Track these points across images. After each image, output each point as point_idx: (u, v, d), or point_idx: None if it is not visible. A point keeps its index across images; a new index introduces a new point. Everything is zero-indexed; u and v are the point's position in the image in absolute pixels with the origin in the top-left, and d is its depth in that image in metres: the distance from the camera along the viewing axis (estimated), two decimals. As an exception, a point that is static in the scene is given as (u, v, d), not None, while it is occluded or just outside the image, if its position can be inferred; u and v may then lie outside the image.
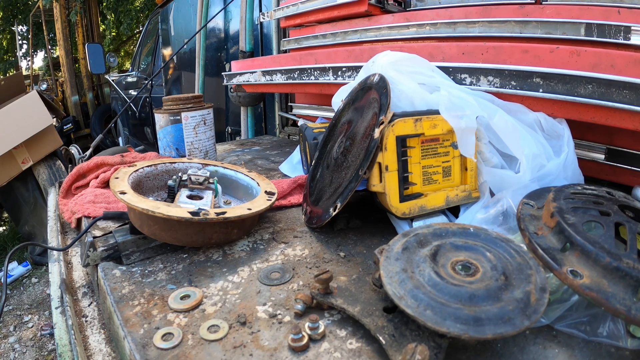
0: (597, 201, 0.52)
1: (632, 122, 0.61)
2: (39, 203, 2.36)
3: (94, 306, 0.61)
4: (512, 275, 0.41)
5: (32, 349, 1.99)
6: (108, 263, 0.59)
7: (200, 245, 0.62)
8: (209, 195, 0.66)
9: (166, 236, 0.59)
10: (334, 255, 0.61)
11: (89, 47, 4.00)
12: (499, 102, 0.72)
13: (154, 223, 0.58)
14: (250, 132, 2.00)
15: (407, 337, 0.39)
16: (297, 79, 1.18)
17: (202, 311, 0.48)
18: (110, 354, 0.51)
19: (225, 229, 0.62)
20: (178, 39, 3.15)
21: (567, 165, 0.65)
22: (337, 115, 0.80)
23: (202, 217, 0.56)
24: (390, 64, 0.74)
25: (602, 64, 0.61)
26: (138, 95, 3.60)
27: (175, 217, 0.54)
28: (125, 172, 0.65)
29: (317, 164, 0.80)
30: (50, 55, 8.16)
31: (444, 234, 0.48)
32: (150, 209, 0.54)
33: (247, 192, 0.75)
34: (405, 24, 0.97)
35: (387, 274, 0.42)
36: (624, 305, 0.37)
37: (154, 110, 1.05)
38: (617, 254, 0.41)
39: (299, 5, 1.27)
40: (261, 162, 1.21)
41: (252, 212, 0.61)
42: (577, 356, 0.41)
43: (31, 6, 8.17)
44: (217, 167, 0.77)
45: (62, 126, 5.42)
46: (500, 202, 0.60)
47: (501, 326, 0.36)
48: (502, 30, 0.80)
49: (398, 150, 0.62)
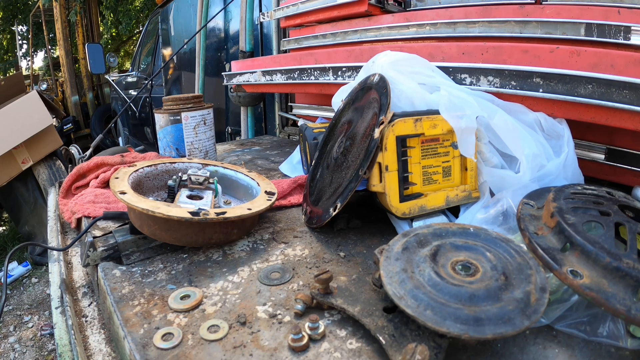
0: (597, 201, 0.52)
1: (632, 122, 0.61)
2: (39, 203, 2.36)
3: (94, 306, 0.61)
4: (512, 275, 0.41)
5: (32, 349, 1.99)
6: (108, 263, 0.59)
7: (200, 245, 0.62)
8: (209, 195, 0.66)
9: (166, 236, 0.59)
10: (334, 255, 0.61)
11: (89, 47, 4.01)
12: (499, 102, 0.72)
13: (154, 223, 0.58)
14: (250, 132, 2.00)
15: (407, 337, 0.39)
16: (297, 79, 1.18)
17: (202, 311, 0.48)
18: (110, 354, 0.51)
19: (226, 229, 0.61)
20: (178, 39, 3.15)
21: (567, 165, 0.65)
22: (337, 115, 0.80)
23: (202, 217, 0.56)
24: (390, 64, 0.74)
25: (602, 64, 0.61)
26: (138, 95, 3.60)
27: (175, 217, 0.54)
28: (125, 172, 0.65)
29: (317, 164, 0.80)
30: (50, 55, 8.16)
31: (444, 234, 0.48)
32: (151, 208, 0.54)
33: (247, 192, 0.75)
34: (405, 24, 0.97)
35: (387, 274, 0.42)
36: (624, 305, 0.37)
37: (154, 110, 1.05)
38: (617, 254, 0.41)
39: (299, 5, 1.27)
40: (261, 162, 1.21)
41: (252, 212, 0.61)
42: (577, 356, 0.41)
43: (31, 6, 8.17)
44: (217, 167, 0.77)
45: (62, 126, 5.42)
46: (500, 202, 0.60)
47: (501, 326, 0.36)
48: (502, 30, 0.80)
49: (398, 150, 0.62)
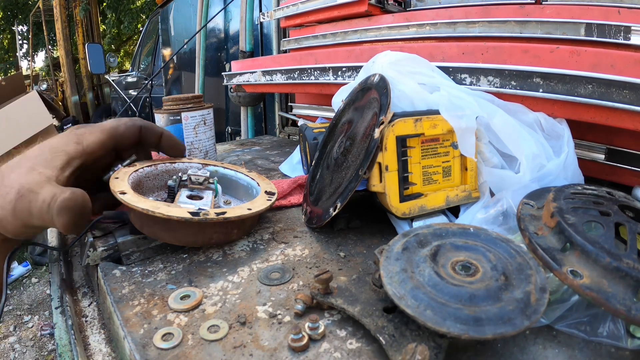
0: (597, 201, 0.52)
1: (632, 122, 0.61)
2: (39, 203, 2.36)
3: (94, 306, 0.61)
4: (512, 275, 0.41)
5: (32, 349, 1.99)
6: (108, 263, 0.59)
7: (200, 245, 0.62)
8: (209, 195, 0.66)
9: (166, 236, 0.59)
10: (334, 255, 0.61)
11: (89, 47, 4.01)
12: (499, 102, 0.72)
13: (154, 223, 0.57)
14: (250, 132, 2.00)
15: (407, 337, 0.39)
16: (297, 79, 1.18)
17: (202, 311, 0.48)
18: (110, 354, 0.51)
19: (226, 229, 0.61)
20: (178, 39, 3.15)
21: (567, 165, 0.65)
22: (337, 115, 0.80)
23: (202, 217, 0.55)
24: (390, 64, 0.74)
25: (602, 64, 0.61)
26: (138, 95, 3.60)
27: (175, 217, 0.54)
28: (125, 172, 0.64)
29: (317, 164, 0.80)
30: (51, 55, 8.17)
31: (444, 234, 0.48)
32: (151, 209, 0.54)
33: (247, 192, 0.74)
34: (405, 24, 0.97)
35: (387, 274, 0.42)
36: (624, 305, 0.37)
37: (154, 110, 1.05)
38: (617, 254, 0.41)
39: (299, 5, 1.27)
40: (261, 162, 1.21)
41: (252, 212, 0.61)
42: (577, 356, 0.41)
43: (31, 6, 8.17)
44: (217, 167, 0.76)
45: (62, 126, 5.42)
46: (500, 202, 0.60)
47: (501, 326, 0.36)
48: (502, 30, 0.80)
49: (398, 150, 0.62)
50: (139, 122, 0.68)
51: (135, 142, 0.68)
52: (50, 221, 0.51)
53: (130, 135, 0.66)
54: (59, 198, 0.50)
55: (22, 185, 0.51)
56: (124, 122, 0.66)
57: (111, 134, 0.63)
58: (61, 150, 0.57)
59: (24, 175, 0.52)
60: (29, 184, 0.51)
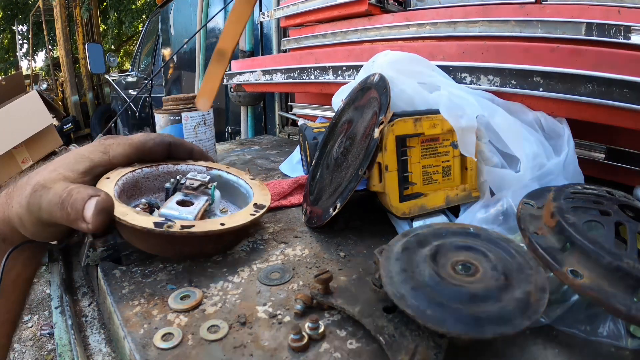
0: (598, 201, 0.52)
1: (632, 121, 0.61)
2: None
3: (94, 306, 0.61)
4: (512, 275, 0.41)
5: (32, 348, 1.99)
6: (108, 263, 0.59)
7: (172, 256, 0.59)
8: (201, 201, 0.63)
9: (139, 244, 0.57)
10: (334, 255, 0.61)
11: (89, 46, 4.01)
12: (499, 101, 0.72)
13: (125, 230, 0.55)
14: (250, 132, 2.00)
15: (407, 337, 0.39)
16: (297, 79, 1.18)
17: (202, 311, 0.48)
18: (110, 354, 0.51)
19: (197, 242, 0.57)
20: (178, 39, 3.15)
21: (568, 164, 0.65)
22: (337, 115, 0.80)
23: (164, 229, 0.51)
24: (390, 64, 0.74)
25: (603, 63, 0.61)
26: (138, 95, 3.60)
27: (138, 227, 0.51)
28: (120, 172, 0.62)
29: (317, 164, 0.80)
30: (51, 55, 8.17)
31: (444, 234, 0.48)
32: (118, 215, 0.52)
33: (245, 201, 0.70)
34: (406, 23, 0.97)
35: (387, 274, 0.42)
36: (624, 305, 0.37)
37: (154, 110, 1.05)
38: (618, 254, 0.41)
39: (299, 5, 1.27)
40: (261, 161, 1.21)
41: (223, 229, 0.55)
42: (577, 356, 0.40)
43: (31, 6, 8.17)
44: (221, 172, 0.73)
45: (62, 126, 5.42)
46: (500, 202, 0.60)
47: (501, 326, 0.35)
48: (502, 29, 0.80)
49: (398, 150, 0.62)
50: (168, 138, 0.68)
51: (163, 158, 0.69)
52: (60, 216, 0.50)
53: (159, 151, 0.67)
54: (100, 198, 0.50)
55: (37, 182, 0.52)
56: (152, 137, 0.66)
57: (139, 149, 0.64)
58: (87, 157, 0.58)
59: (45, 175, 0.53)
60: (45, 181, 0.52)
